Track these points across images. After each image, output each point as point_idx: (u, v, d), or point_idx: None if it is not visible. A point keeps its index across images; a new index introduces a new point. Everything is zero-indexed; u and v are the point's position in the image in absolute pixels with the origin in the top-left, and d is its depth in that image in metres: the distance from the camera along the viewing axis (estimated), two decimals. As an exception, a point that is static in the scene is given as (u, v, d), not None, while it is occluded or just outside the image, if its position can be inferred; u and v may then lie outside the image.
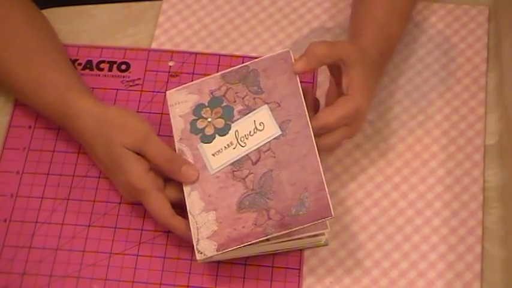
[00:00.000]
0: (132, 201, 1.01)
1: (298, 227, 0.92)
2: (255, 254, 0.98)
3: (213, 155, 0.96)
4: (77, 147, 1.05)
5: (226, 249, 0.92)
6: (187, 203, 0.95)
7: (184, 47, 1.13)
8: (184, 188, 0.96)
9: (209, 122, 0.97)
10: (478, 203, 1.03)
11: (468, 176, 1.04)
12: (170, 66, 1.11)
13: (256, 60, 0.99)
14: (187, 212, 0.95)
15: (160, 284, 0.99)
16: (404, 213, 1.02)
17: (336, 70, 0.99)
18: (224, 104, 0.98)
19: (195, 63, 1.11)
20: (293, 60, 0.98)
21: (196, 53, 1.12)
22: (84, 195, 1.03)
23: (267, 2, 1.16)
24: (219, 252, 0.92)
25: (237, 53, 1.12)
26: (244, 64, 0.99)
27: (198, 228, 0.93)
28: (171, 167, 0.96)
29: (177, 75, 1.10)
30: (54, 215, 1.02)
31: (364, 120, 1.01)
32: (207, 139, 0.97)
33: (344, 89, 0.97)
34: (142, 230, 1.01)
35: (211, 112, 0.98)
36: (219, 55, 1.11)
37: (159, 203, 0.96)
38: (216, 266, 0.99)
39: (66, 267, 0.99)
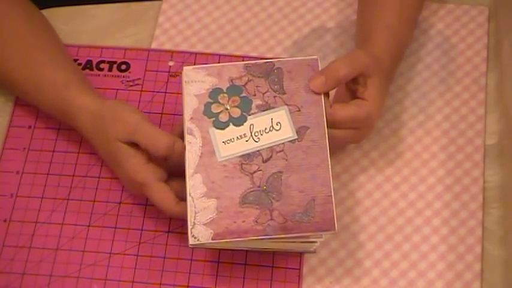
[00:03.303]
0: (137, 194, 1.01)
1: (299, 234, 0.92)
2: (242, 249, 0.97)
3: (224, 142, 0.94)
4: (77, 147, 1.05)
5: (222, 239, 0.91)
6: (188, 184, 0.93)
7: (184, 47, 1.13)
8: (186, 169, 0.93)
9: (225, 108, 0.96)
10: (478, 203, 1.03)
11: (468, 176, 1.04)
12: (170, 66, 1.11)
13: (282, 59, 0.97)
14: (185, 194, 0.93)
15: (160, 284, 0.99)
16: (405, 213, 1.02)
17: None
18: (243, 94, 0.96)
19: (195, 63, 1.11)
20: (320, 69, 0.96)
21: (196, 53, 1.12)
22: (84, 195, 1.03)
23: (267, 2, 1.16)
24: (213, 241, 0.91)
25: (237, 53, 1.12)
26: (269, 60, 0.97)
27: (195, 213, 0.92)
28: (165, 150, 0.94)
29: (177, 75, 1.10)
30: (54, 215, 1.02)
31: (373, 129, 1.01)
32: (220, 125, 0.95)
33: (359, 95, 0.97)
34: (142, 230, 1.01)
35: (229, 99, 0.96)
36: (219, 55, 1.11)
37: (161, 194, 0.95)
38: (216, 266, 0.99)
39: (66, 267, 0.99)
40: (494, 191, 1.04)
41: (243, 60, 1.10)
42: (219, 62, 1.10)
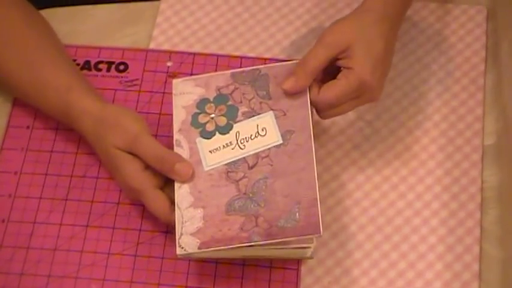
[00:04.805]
0: (134, 200, 1.01)
1: (284, 239, 0.91)
2: (238, 258, 0.98)
3: (210, 152, 0.95)
4: (75, 148, 1.05)
5: (208, 248, 0.91)
6: (176, 196, 0.94)
7: (182, 48, 1.13)
8: (175, 180, 0.95)
9: (211, 118, 0.97)
10: (476, 203, 1.03)
11: (466, 176, 1.04)
12: (168, 67, 1.11)
13: (268, 65, 0.99)
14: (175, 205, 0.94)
15: (159, 285, 0.99)
16: (403, 213, 1.02)
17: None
18: (229, 102, 0.97)
19: (193, 63, 1.11)
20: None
21: (194, 54, 1.12)
22: (82, 195, 1.03)
23: (265, 3, 1.16)
24: (200, 251, 0.91)
25: (235, 54, 1.12)
26: (255, 67, 0.98)
27: (183, 223, 0.93)
28: (163, 166, 0.94)
29: (175, 76, 1.10)
30: (52, 216, 1.02)
31: (378, 89, 0.98)
32: (207, 135, 0.96)
33: (345, 67, 0.95)
34: (140, 230, 1.01)
35: (215, 109, 0.97)
36: (217, 55, 1.11)
37: (156, 201, 0.95)
38: (214, 266, 0.99)
39: (64, 267, 0.99)
40: (493, 191, 1.04)
41: (240, 60, 1.10)
42: (217, 63, 1.10)
